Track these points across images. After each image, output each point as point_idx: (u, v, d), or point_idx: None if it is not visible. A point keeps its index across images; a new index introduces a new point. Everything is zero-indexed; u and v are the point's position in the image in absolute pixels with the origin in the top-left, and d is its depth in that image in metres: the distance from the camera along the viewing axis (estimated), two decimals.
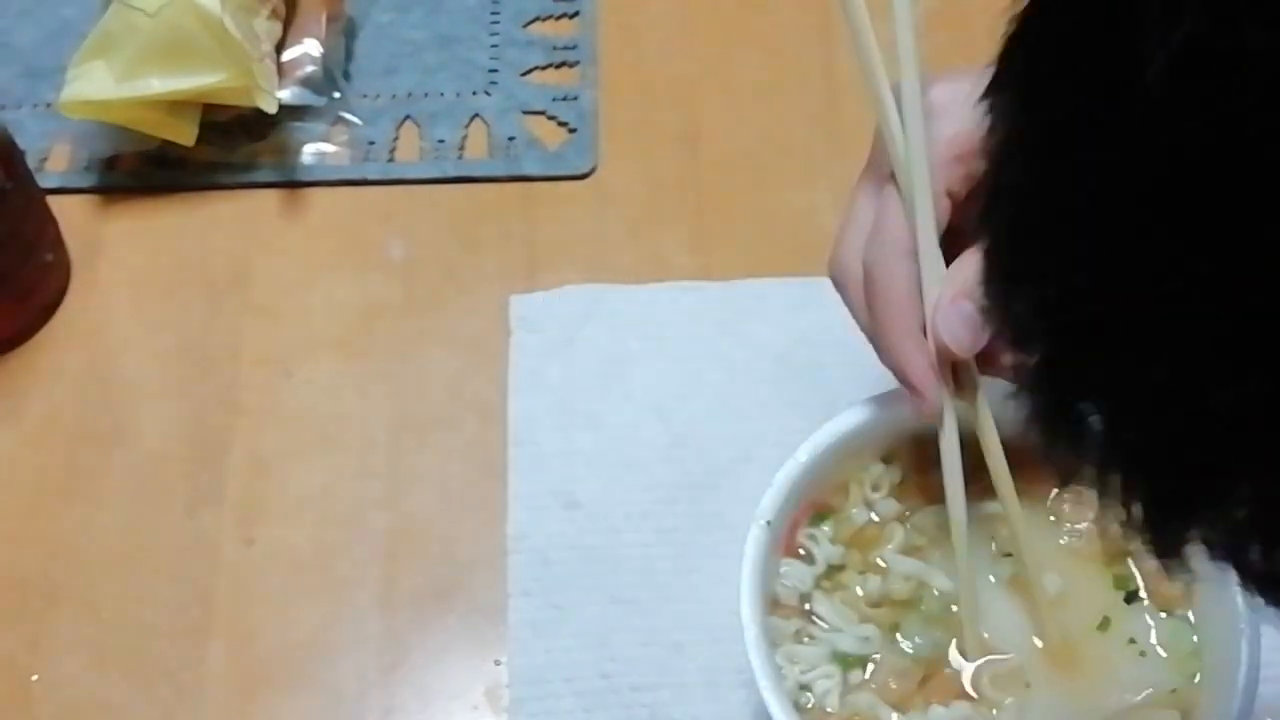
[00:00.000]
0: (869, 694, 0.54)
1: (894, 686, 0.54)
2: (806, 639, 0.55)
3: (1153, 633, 0.55)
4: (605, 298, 0.72)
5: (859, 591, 0.56)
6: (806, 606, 0.56)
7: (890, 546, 0.57)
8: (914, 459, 0.59)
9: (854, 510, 0.57)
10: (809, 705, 0.54)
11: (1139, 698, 0.54)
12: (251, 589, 0.65)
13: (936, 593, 0.56)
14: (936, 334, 0.49)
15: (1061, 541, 0.57)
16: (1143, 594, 0.56)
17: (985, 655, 0.55)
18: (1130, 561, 0.57)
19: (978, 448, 0.56)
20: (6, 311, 0.71)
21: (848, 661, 0.55)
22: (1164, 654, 0.55)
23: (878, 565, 0.57)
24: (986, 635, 0.55)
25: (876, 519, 0.57)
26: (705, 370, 0.69)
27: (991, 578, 0.57)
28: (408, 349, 0.71)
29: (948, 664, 0.55)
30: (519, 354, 0.70)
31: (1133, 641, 0.55)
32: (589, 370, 0.69)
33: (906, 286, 0.50)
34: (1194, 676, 0.54)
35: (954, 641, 0.55)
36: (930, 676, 0.55)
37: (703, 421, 0.68)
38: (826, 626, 0.55)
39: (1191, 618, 0.56)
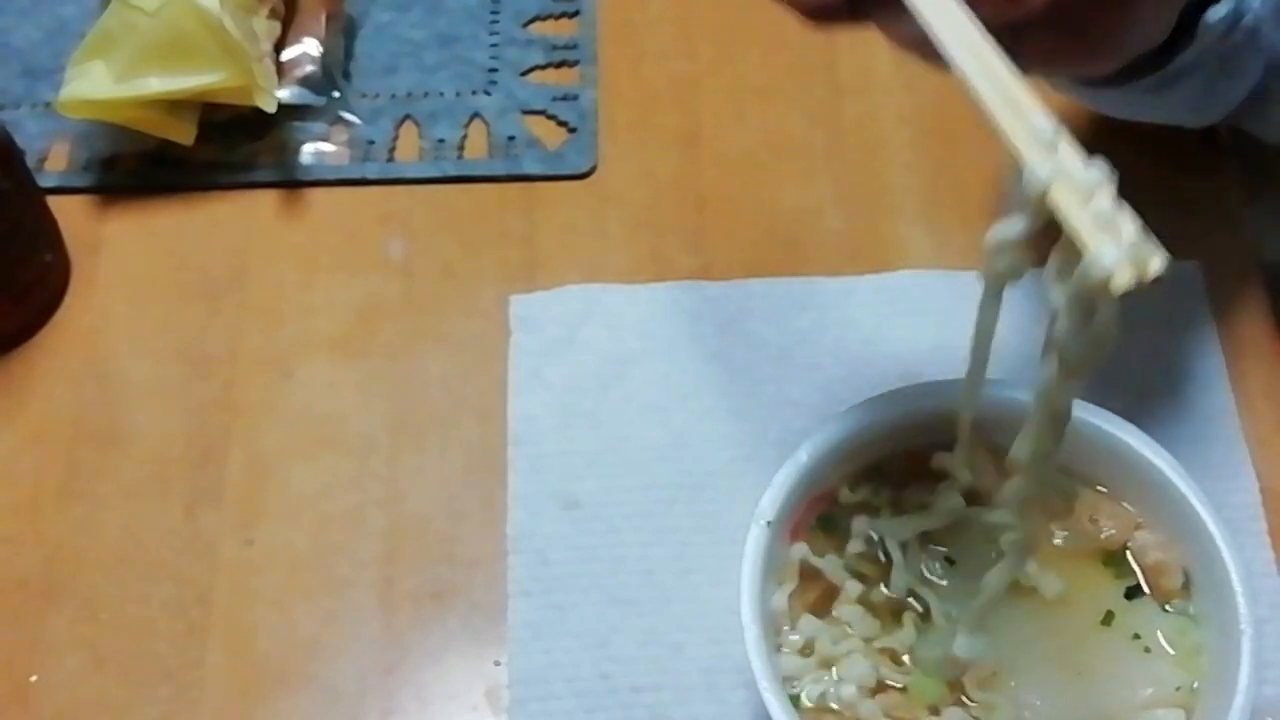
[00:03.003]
0: (869, 701, 0.54)
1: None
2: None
3: (1157, 629, 0.55)
4: (605, 298, 0.71)
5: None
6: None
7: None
8: (911, 461, 0.59)
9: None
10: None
11: (1142, 696, 0.54)
12: (250, 589, 0.65)
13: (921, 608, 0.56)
14: None
15: (1057, 541, 0.57)
16: (1144, 588, 0.56)
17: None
18: (1129, 556, 0.57)
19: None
20: (5, 311, 0.71)
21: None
22: (1169, 650, 0.55)
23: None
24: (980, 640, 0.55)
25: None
26: (705, 370, 0.69)
27: None
28: (407, 349, 0.71)
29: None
30: (519, 354, 0.70)
31: (1137, 637, 0.55)
32: (589, 370, 0.69)
33: None
34: (1197, 675, 0.54)
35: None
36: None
37: (703, 421, 0.68)
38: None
39: (1192, 611, 0.56)
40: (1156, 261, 0.39)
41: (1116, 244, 0.39)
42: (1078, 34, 0.50)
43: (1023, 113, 0.43)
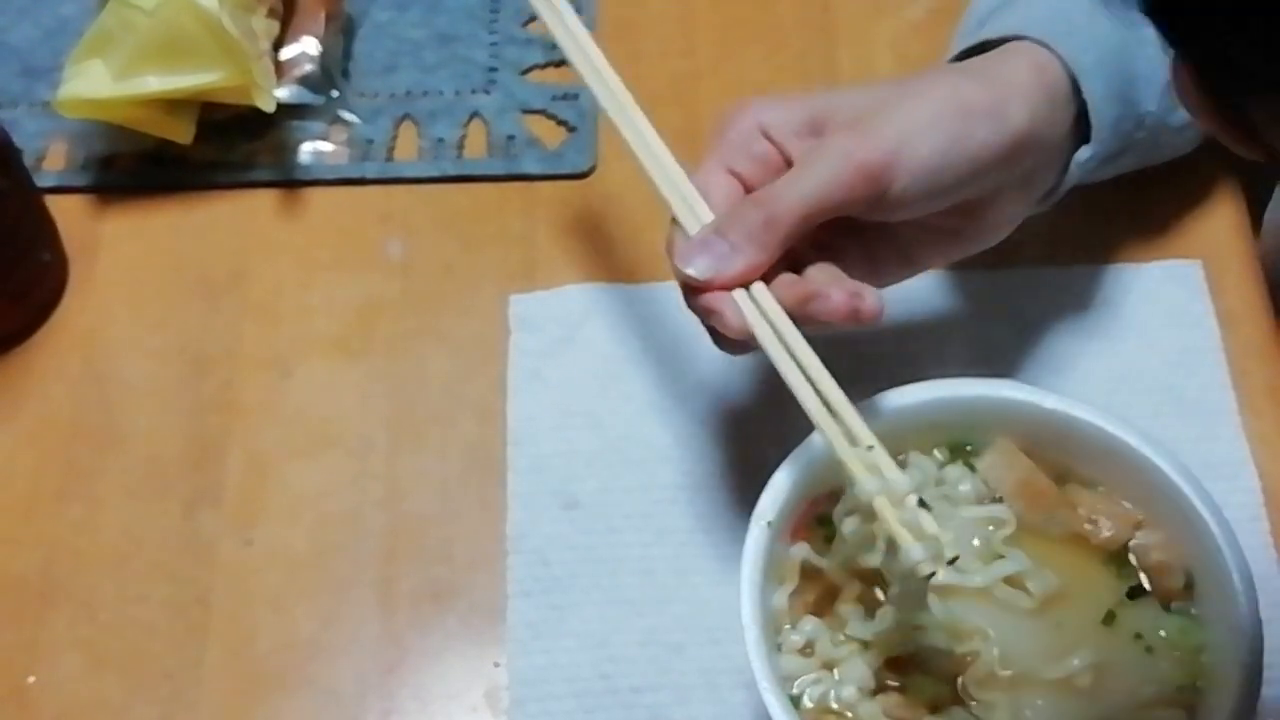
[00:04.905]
0: (869, 701, 0.54)
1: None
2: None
3: (1159, 628, 0.55)
4: (605, 298, 0.71)
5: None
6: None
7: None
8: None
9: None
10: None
11: (1144, 696, 0.54)
12: (249, 589, 0.65)
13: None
14: (677, 270, 0.55)
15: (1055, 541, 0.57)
16: (1146, 587, 0.56)
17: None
18: (1131, 556, 0.57)
19: None
20: (3, 311, 0.71)
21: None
22: (1171, 650, 0.55)
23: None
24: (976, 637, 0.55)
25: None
26: (705, 370, 0.69)
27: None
28: (406, 348, 0.71)
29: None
30: (518, 354, 0.70)
31: (1139, 637, 0.55)
32: (589, 370, 0.69)
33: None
34: (1199, 675, 0.54)
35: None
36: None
37: (703, 421, 0.68)
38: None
39: (1194, 611, 0.55)
40: (948, 553, 0.52)
41: (921, 545, 0.51)
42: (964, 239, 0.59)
43: (849, 430, 0.53)
